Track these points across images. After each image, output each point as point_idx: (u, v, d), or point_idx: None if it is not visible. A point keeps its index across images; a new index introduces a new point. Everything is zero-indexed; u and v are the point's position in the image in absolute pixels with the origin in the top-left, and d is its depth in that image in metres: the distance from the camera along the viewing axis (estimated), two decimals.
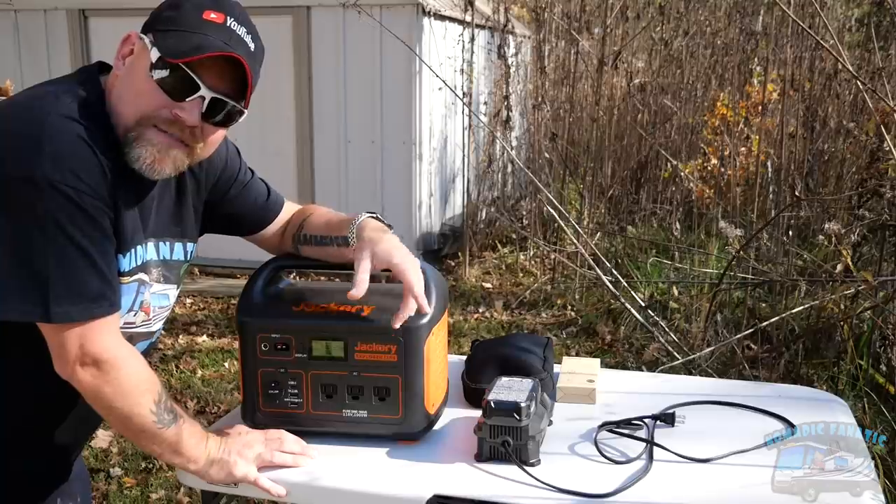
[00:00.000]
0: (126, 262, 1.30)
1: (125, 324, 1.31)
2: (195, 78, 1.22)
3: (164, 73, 1.22)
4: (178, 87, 1.23)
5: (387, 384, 1.39)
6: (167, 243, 1.41)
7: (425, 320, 1.38)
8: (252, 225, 1.57)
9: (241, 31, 1.25)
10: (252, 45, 1.27)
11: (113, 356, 1.22)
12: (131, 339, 1.33)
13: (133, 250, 1.31)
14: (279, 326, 1.41)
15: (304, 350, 1.40)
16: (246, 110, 1.29)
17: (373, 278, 1.41)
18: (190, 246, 1.47)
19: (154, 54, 1.22)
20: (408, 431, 1.42)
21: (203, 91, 1.23)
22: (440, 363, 1.50)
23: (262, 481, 1.33)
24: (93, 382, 1.22)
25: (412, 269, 1.34)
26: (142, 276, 1.34)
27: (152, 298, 1.38)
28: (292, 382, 1.42)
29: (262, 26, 1.32)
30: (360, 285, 1.32)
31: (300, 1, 5.80)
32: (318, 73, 5.92)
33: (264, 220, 1.58)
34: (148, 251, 1.36)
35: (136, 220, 1.31)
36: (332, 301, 1.43)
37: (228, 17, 1.24)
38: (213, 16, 1.23)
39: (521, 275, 6.02)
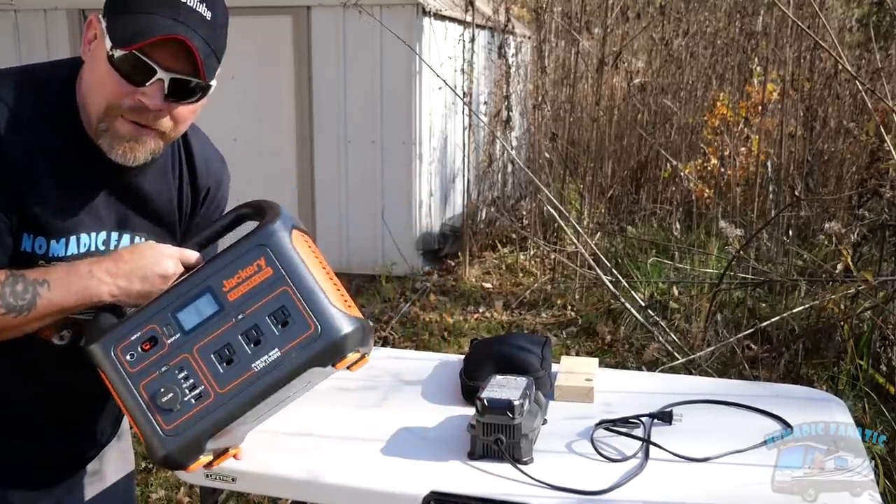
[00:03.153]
0: (60, 249, 1.29)
1: None
2: (149, 62, 1.20)
3: (119, 58, 1.21)
4: (135, 72, 1.21)
5: (279, 303, 1.19)
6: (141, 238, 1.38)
7: (277, 223, 1.23)
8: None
9: (194, 1, 1.21)
10: (208, 14, 1.23)
11: None
12: None
13: (76, 237, 1.30)
14: (133, 326, 1.21)
15: (175, 330, 1.20)
16: (212, 83, 1.27)
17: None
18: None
19: (108, 42, 1.21)
20: (335, 338, 1.18)
21: (161, 74, 1.21)
22: (323, 271, 1.26)
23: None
24: None
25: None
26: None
27: None
28: (181, 374, 1.19)
29: (262, 26, 1.32)
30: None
31: (300, 1, 5.80)
32: (318, 73, 5.92)
33: None
34: (118, 241, 1.36)
35: (97, 209, 1.31)
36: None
37: None
38: None
39: (521, 275, 6.02)
